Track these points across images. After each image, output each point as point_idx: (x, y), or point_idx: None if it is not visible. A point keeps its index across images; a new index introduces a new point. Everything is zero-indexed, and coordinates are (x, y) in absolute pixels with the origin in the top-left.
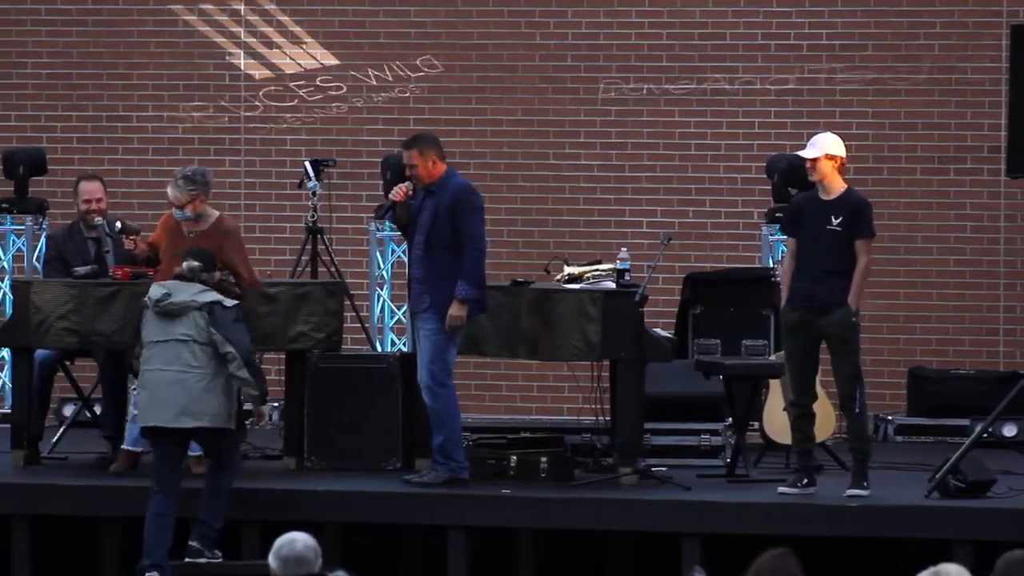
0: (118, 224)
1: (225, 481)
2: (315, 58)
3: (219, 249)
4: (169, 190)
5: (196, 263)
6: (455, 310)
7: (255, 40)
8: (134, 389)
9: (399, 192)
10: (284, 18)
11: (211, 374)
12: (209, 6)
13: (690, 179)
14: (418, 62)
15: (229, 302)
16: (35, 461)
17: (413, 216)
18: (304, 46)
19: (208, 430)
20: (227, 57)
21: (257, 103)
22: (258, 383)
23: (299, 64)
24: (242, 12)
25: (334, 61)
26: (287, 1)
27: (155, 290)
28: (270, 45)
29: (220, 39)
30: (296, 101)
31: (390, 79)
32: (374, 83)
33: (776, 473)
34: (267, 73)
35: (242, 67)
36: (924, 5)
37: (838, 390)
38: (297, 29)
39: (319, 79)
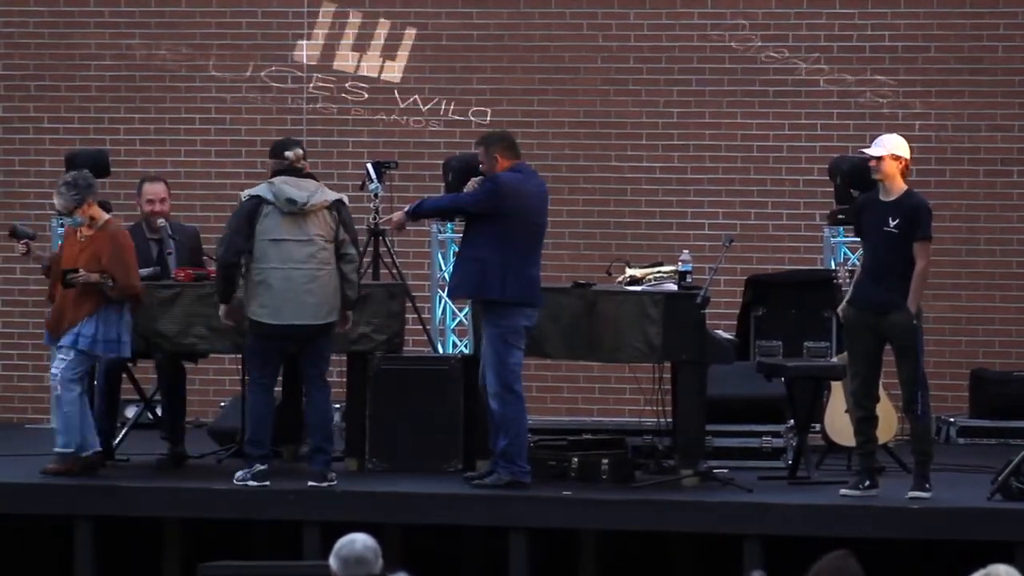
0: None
1: (329, 399)
2: (378, 60)
3: (102, 252)
4: (55, 200)
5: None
6: (396, 216)
7: (317, 43)
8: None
9: (470, 187)
10: (345, 20)
11: (335, 271)
12: (273, 8)
13: (752, 181)
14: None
15: (346, 198)
16: (108, 458)
17: None
18: (367, 48)
19: (329, 326)
20: (290, 60)
21: (319, 105)
22: (358, 287)
23: (361, 66)
24: (304, 15)
25: (397, 62)
26: (347, 3)
27: (291, 191)
28: (332, 48)
29: (283, 42)
30: (358, 103)
31: (451, 81)
32: (436, 85)
33: (838, 475)
34: (329, 75)
35: (304, 70)
36: (987, 7)
37: (901, 392)
38: (360, 32)
39: (381, 81)
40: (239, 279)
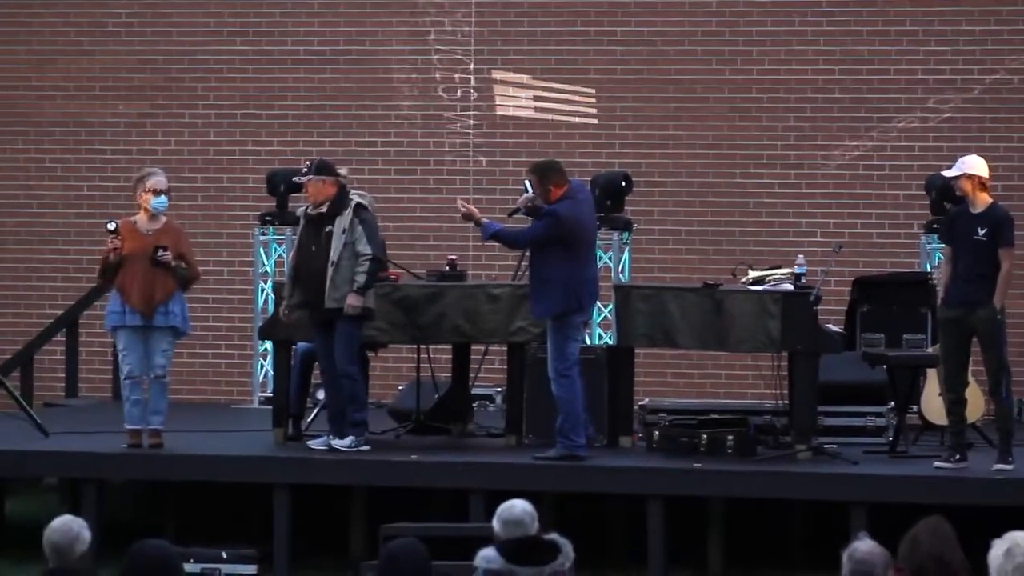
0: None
1: None
2: (531, 87)
3: (176, 243)
4: (163, 178)
5: None
6: (476, 212)
7: (481, 76)
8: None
9: (522, 202)
10: (503, 57)
11: None
12: (444, 47)
13: (858, 195)
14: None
15: None
16: (298, 437)
17: None
18: (523, 80)
19: None
20: (458, 91)
21: (484, 129)
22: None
23: (519, 97)
24: (472, 51)
25: (549, 94)
26: (507, 42)
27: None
28: (491, 81)
29: (454, 74)
30: (518, 127)
31: (601, 110)
32: (587, 111)
33: (932, 450)
34: (494, 101)
35: (472, 94)
36: None
37: (988, 378)
38: (516, 67)
39: (538, 106)
40: None
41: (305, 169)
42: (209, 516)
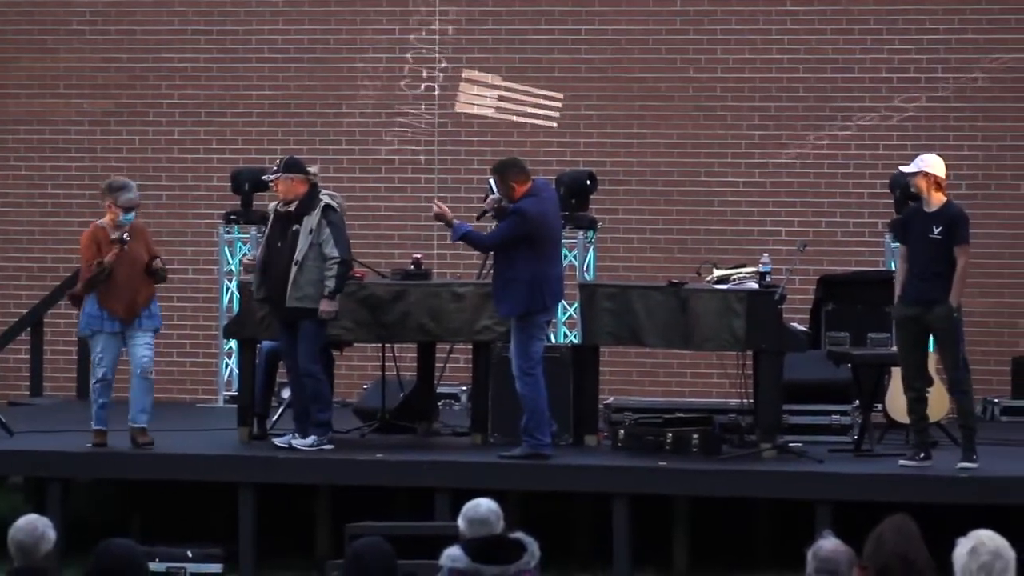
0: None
1: None
2: (496, 85)
3: (147, 244)
4: (134, 196)
5: None
6: (448, 212)
7: (446, 74)
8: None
9: (489, 204)
10: (467, 55)
11: None
12: (409, 45)
13: (823, 194)
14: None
15: None
16: (263, 436)
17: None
18: (488, 79)
19: None
20: (422, 88)
21: (448, 128)
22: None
23: (484, 96)
24: (437, 50)
25: (514, 94)
26: (471, 40)
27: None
28: (456, 80)
29: (419, 73)
30: (482, 126)
31: (564, 110)
32: (549, 112)
33: (897, 448)
34: (458, 99)
35: (436, 94)
36: None
37: (946, 376)
38: (480, 65)
39: (501, 106)
40: None
41: (275, 167)
42: (174, 515)
